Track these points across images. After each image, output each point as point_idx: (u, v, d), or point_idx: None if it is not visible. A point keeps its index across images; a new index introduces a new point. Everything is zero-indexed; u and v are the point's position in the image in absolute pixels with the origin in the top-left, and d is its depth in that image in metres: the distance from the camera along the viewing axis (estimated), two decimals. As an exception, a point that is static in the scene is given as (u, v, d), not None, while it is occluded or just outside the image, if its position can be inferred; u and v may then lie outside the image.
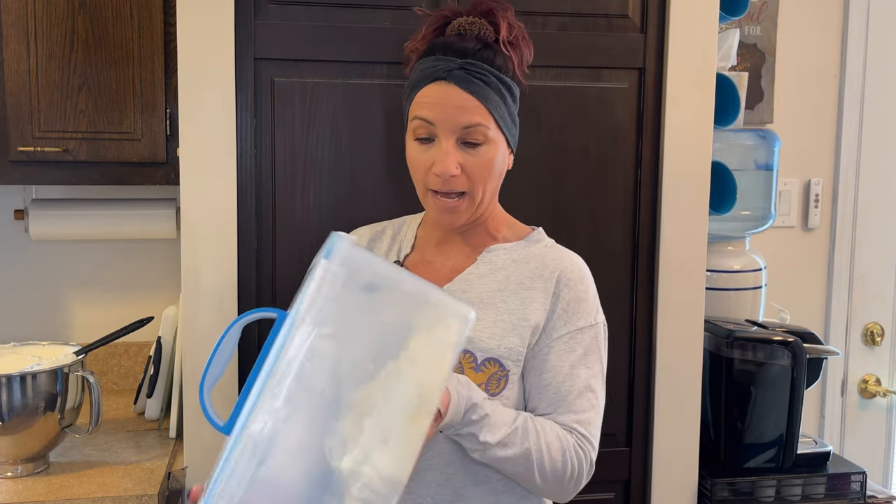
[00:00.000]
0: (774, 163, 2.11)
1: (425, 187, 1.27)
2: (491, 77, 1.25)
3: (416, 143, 1.27)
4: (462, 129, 1.23)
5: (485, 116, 1.24)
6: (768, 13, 2.40)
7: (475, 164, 1.24)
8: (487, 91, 1.24)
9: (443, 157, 1.23)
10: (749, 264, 2.10)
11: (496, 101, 1.26)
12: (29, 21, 1.78)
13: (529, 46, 1.33)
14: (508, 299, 1.29)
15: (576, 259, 1.34)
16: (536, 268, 1.31)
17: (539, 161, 1.72)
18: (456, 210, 1.26)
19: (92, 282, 2.16)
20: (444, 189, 1.24)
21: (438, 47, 1.26)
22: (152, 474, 1.60)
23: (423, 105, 1.25)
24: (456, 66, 1.23)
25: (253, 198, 1.64)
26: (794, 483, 1.88)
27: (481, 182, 1.26)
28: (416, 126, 1.26)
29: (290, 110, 1.63)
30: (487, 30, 1.27)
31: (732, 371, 1.88)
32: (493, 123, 1.25)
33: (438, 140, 1.24)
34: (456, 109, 1.23)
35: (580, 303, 1.30)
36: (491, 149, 1.25)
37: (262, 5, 1.61)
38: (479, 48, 1.25)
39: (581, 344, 1.29)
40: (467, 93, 1.23)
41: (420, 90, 1.26)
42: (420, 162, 1.26)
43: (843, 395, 2.55)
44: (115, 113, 1.84)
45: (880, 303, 2.56)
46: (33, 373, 1.57)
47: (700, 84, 1.76)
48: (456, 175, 1.23)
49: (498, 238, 1.36)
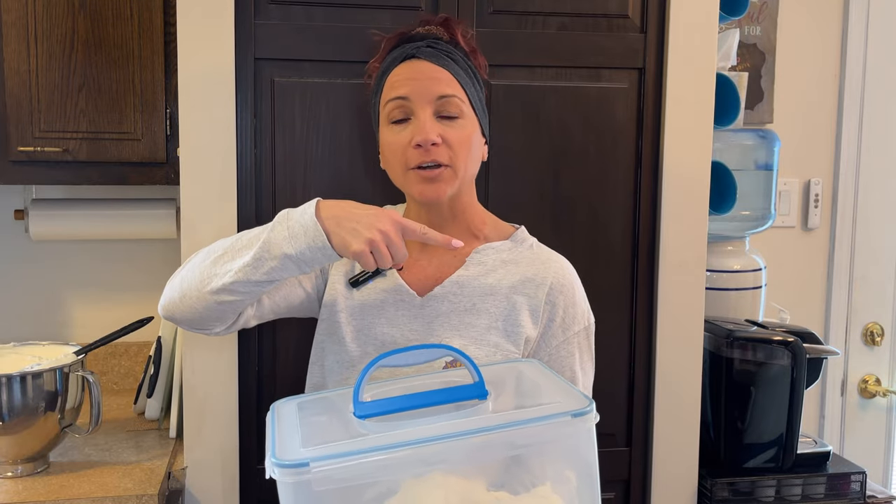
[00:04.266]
0: (774, 163, 2.11)
1: (405, 167, 1.25)
2: (458, 55, 1.29)
3: (391, 127, 1.26)
4: (437, 99, 1.24)
5: (457, 88, 1.26)
6: (768, 13, 2.40)
7: (455, 136, 1.24)
8: (456, 67, 1.28)
9: (422, 127, 1.23)
10: (749, 264, 2.10)
11: (466, 78, 1.28)
12: (29, 21, 1.78)
13: (484, 60, 1.38)
14: (501, 304, 1.28)
15: (563, 262, 1.35)
16: (527, 273, 1.31)
17: (539, 161, 1.72)
18: (439, 179, 1.24)
19: (92, 282, 2.16)
20: (427, 159, 1.23)
21: (402, 41, 1.31)
22: (152, 474, 1.60)
23: (395, 85, 1.26)
24: (423, 44, 1.28)
25: (253, 198, 1.63)
26: (794, 483, 1.88)
27: (462, 155, 1.25)
28: (391, 108, 1.26)
29: (290, 110, 1.63)
30: (444, 34, 1.32)
31: (732, 371, 1.88)
32: (466, 98, 1.27)
33: (415, 115, 1.24)
34: (429, 80, 1.25)
35: (574, 307, 1.32)
36: (468, 124, 1.26)
37: (262, 5, 1.61)
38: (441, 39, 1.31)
39: (578, 347, 1.32)
40: (438, 66, 1.26)
41: (390, 73, 1.28)
42: (398, 143, 1.25)
43: (843, 395, 2.55)
44: (115, 113, 1.84)
45: (880, 303, 2.56)
46: (33, 373, 1.57)
47: (700, 84, 1.76)
48: (437, 143, 1.22)
49: (480, 238, 1.35)
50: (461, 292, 1.29)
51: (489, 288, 1.29)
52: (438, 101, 1.23)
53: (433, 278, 1.32)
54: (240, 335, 1.64)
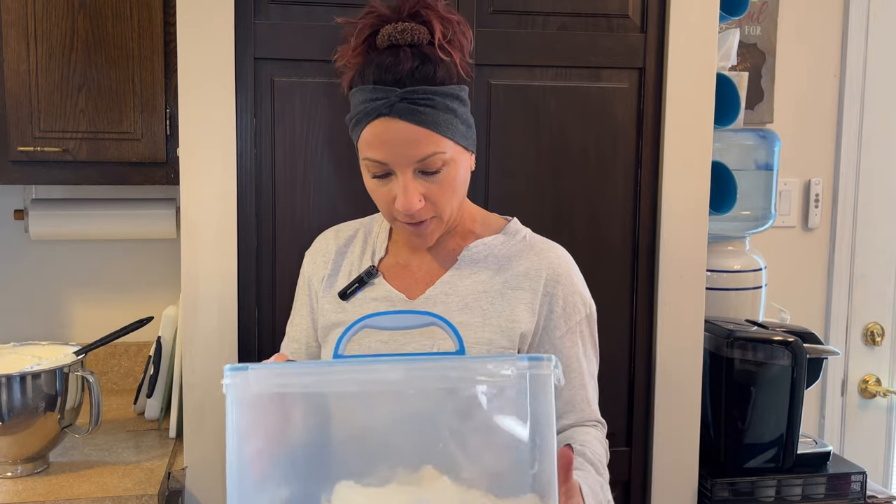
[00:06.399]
0: (774, 163, 2.11)
1: (392, 217, 1.24)
2: (436, 98, 1.16)
3: (373, 180, 1.22)
4: (417, 161, 1.17)
5: (438, 143, 1.17)
6: (768, 13, 2.40)
7: (437, 191, 1.20)
8: (436, 115, 1.16)
9: (402, 193, 1.18)
10: (749, 264, 2.10)
11: (446, 121, 1.17)
12: (29, 21, 1.78)
13: (467, 33, 1.23)
14: (495, 301, 1.26)
15: (560, 251, 1.32)
16: (521, 266, 1.28)
17: (539, 161, 1.72)
18: (425, 232, 1.23)
19: (92, 282, 2.16)
20: (412, 221, 1.21)
21: (372, 72, 1.17)
22: (152, 474, 1.60)
23: (371, 145, 1.18)
24: (397, 97, 1.14)
25: (253, 198, 1.64)
26: (794, 483, 1.88)
27: (447, 203, 1.22)
28: (369, 165, 1.20)
29: (290, 110, 1.63)
30: (420, 33, 1.18)
31: (732, 371, 1.88)
32: (449, 144, 1.18)
33: (395, 175, 1.19)
34: (406, 145, 1.15)
35: (574, 295, 1.29)
36: (451, 170, 1.20)
37: (262, 5, 1.61)
38: (417, 66, 1.15)
39: (581, 336, 1.30)
40: (414, 124, 1.15)
41: (364, 128, 1.19)
42: (380, 196, 1.22)
43: (843, 395, 2.55)
44: (115, 113, 1.84)
45: (880, 303, 2.56)
46: (33, 373, 1.57)
47: (700, 84, 1.76)
48: (420, 207, 1.19)
49: (472, 236, 1.33)
50: (453, 292, 1.27)
51: (481, 285, 1.27)
52: (419, 162, 1.18)
53: (424, 281, 1.30)
54: (239, 335, 1.64)
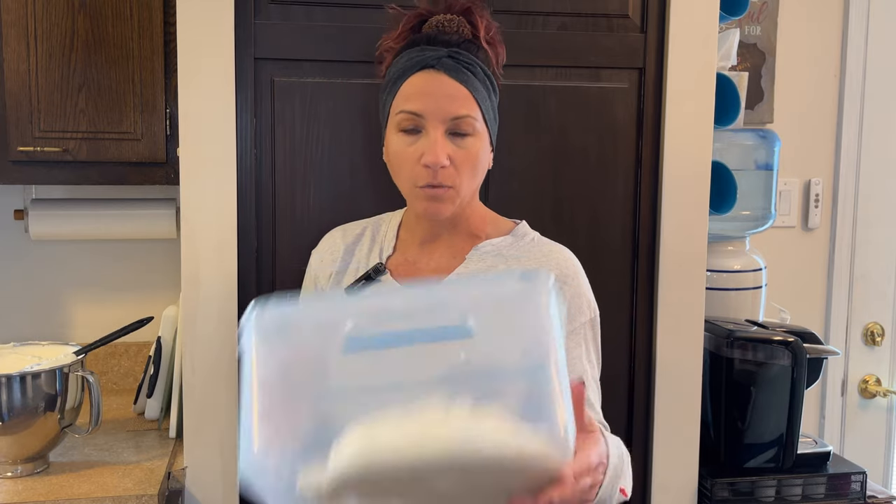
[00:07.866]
0: (774, 163, 2.11)
1: (413, 183, 1.24)
2: (478, 68, 1.24)
3: (400, 136, 1.24)
4: (451, 119, 1.21)
5: (473, 108, 1.22)
6: (768, 13, 2.40)
7: (463, 157, 1.22)
8: (475, 82, 1.23)
9: (432, 148, 1.20)
10: (749, 264, 2.10)
11: (483, 94, 1.24)
12: (29, 21, 1.78)
13: (503, 47, 1.33)
14: None
15: (567, 253, 1.34)
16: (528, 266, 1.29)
17: (539, 161, 1.72)
18: (442, 198, 1.24)
19: (92, 282, 2.16)
20: (434, 182, 1.22)
21: (422, 39, 1.25)
22: (152, 474, 1.60)
23: (410, 97, 1.22)
24: (444, 54, 1.22)
25: (253, 198, 1.63)
26: (794, 483, 1.88)
27: (467, 176, 1.24)
28: (402, 118, 1.23)
29: (290, 110, 1.63)
30: (466, 28, 1.26)
31: (732, 371, 1.88)
32: (481, 116, 1.24)
33: (426, 131, 1.22)
34: (446, 99, 1.21)
35: (579, 297, 1.30)
36: (477, 142, 1.24)
37: (262, 5, 1.61)
38: (463, 41, 1.25)
39: (584, 339, 1.30)
40: (457, 81, 1.21)
41: (406, 80, 1.23)
42: (406, 156, 1.23)
43: (843, 395, 2.55)
44: (115, 113, 1.84)
45: (880, 303, 2.56)
46: (33, 373, 1.57)
47: (700, 84, 1.76)
48: (446, 166, 1.21)
49: (482, 236, 1.34)
50: None
51: None
52: (453, 121, 1.21)
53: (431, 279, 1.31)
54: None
